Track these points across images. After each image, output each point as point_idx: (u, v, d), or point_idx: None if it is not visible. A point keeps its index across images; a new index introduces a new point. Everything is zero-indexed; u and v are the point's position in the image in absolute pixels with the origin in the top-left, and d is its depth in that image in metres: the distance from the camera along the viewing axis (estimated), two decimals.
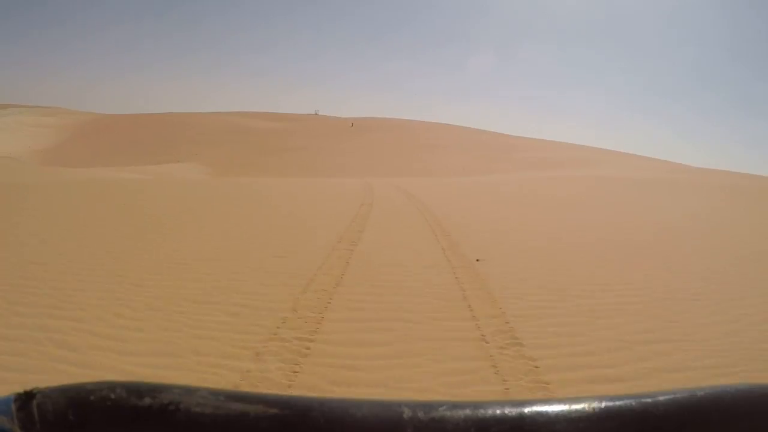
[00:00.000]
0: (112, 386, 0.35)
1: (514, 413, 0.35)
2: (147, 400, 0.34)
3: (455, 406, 0.35)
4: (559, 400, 0.36)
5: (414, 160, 45.00)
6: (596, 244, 7.67)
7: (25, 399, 0.34)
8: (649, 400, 0.36)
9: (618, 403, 0.36)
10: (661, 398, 0.37)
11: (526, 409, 0.35)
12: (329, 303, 4.28)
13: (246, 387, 2.80)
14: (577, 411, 0.35)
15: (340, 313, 4.06)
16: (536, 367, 3.18)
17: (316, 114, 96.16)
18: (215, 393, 0.35)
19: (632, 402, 0.36)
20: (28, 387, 0.35)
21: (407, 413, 0.34)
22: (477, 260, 5.99)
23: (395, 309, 4.19)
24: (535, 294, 4.76)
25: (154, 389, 0.35)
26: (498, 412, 0.35)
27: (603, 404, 0.36)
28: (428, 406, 0.35)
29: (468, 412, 0.34)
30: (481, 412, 0.35)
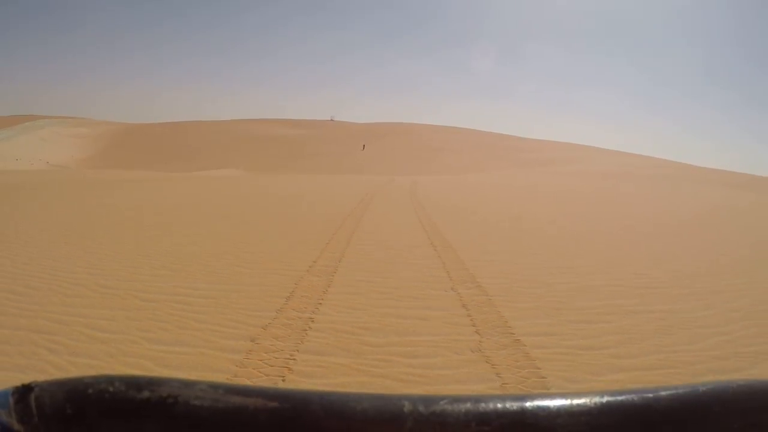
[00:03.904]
0: (110, 380, 0.35)
1: (515, 407, 0.35)
2: (145, 393, 0.34)
3: (456, 400, 0.35)
4: (561, 395, 0.36)
5: (427, 162, 50.91)
6: (519, 217, 12.11)
7: (23, 392, 0.34)
8: (650, 394, 0.37)
9: (620, 397, 0.36)
10: (662, 393, 0.37)
11: (527, 403, 0.35)
12: (363, 217, 10.04)
13: (329, 233, 8.65)
14: (578, 405, 0.35)
15: (373, 212, 10.21)
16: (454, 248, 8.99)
17: (331, 120, 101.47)
18: (214, 386, 0.35)
19: (634, 396, 0.36)
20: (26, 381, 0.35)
21: (408, 407, 0.34)
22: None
23: (388, 208, 10.36)
24: (452, 221, 10.51)
25: (153, 382, 0.35)
26: (499, 405, 0.35)
27: (605, 399, 0.36)
28: (429, 399, 0.35)
29: (469, 405, 0.35)
30: (482, 405, 0.35)
